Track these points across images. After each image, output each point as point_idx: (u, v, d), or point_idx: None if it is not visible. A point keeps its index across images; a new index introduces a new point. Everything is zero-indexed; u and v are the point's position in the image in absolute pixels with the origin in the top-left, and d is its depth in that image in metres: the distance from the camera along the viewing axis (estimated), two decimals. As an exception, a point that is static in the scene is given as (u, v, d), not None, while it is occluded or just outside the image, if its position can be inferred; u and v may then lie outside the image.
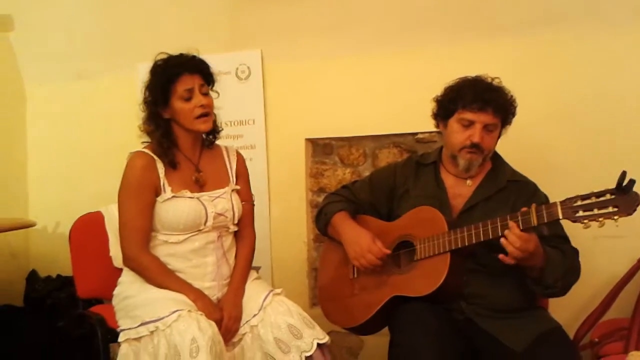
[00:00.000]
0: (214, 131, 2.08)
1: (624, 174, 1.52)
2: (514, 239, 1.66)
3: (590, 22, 2.33)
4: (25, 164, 3.69)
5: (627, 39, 2.30)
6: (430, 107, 2.04)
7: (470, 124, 1.89)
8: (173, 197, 1.92)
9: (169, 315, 1.72)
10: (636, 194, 1.53)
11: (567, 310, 2.26)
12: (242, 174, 2.14)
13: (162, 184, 1.92)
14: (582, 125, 2.38)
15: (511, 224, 1.68)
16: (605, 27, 2.31)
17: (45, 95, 3.63)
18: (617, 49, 2.32)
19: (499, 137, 1.97)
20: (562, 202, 1.63)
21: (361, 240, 1.98)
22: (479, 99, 1.87)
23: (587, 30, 2.34)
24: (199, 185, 2.00)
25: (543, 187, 1.99)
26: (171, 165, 1.95)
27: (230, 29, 3.02)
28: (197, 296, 1.87)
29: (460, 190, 2.00)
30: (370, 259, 1.95)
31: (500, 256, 1.69)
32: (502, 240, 1.68)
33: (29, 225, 3.18)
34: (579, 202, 1.60)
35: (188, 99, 1.92)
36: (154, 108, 1.93)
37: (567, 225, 1.79)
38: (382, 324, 2.01)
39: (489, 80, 1.94)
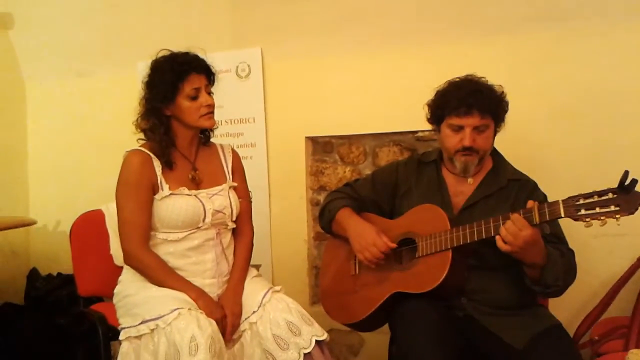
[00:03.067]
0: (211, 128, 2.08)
1: (626, 173, 1.52)
2: (509, 224, 1.66)
3: (588, 20, 2.33)
4: (26, 162, 3.70)
5: (626, 38, 2.29)
6: (430, 105, 2.04)
7: (459, 128, 1.90)
8: (171, 194, 1.92)
9: (169, 314, 1.72)
10: (638, 193, 1.52)
11: (567, 308, 2.26)
12: (238, 171, 2.14)
13: (159, 181, 1.93)
14: (581, 123, 2.37)
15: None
16: (604, 26, 2.31)
17: (45, 94, 3.63)
18: (616, 48, 2.31)
19: (494, 134, 1.97)
20: (564, 201, 1.62)
21: (366, 233, 1.98)
22: (463, 104, 1.86)
23: (586, 28, 2.34)
24: (196, 183, 2.00)
25: (541, 186, 1.99)
26: (167, 165, 1.95)
27: (231, 27, 3.02)
28: (199, 295, 1.87)
29: (461, 188, 2.00)
30: (375, 252, 1.95)
31: (497, 237, 1.69)
32: (501, 229, 1.68)
33: (29, 224, 3.19)
34: (581, 201, 1.59)
35: (194, 98, 1.92)
36: (156, 105, 1.92)
37: (566, 223, 1.79)
38: (383, 320, 2.01)
39: (476, 80, 1.93)
